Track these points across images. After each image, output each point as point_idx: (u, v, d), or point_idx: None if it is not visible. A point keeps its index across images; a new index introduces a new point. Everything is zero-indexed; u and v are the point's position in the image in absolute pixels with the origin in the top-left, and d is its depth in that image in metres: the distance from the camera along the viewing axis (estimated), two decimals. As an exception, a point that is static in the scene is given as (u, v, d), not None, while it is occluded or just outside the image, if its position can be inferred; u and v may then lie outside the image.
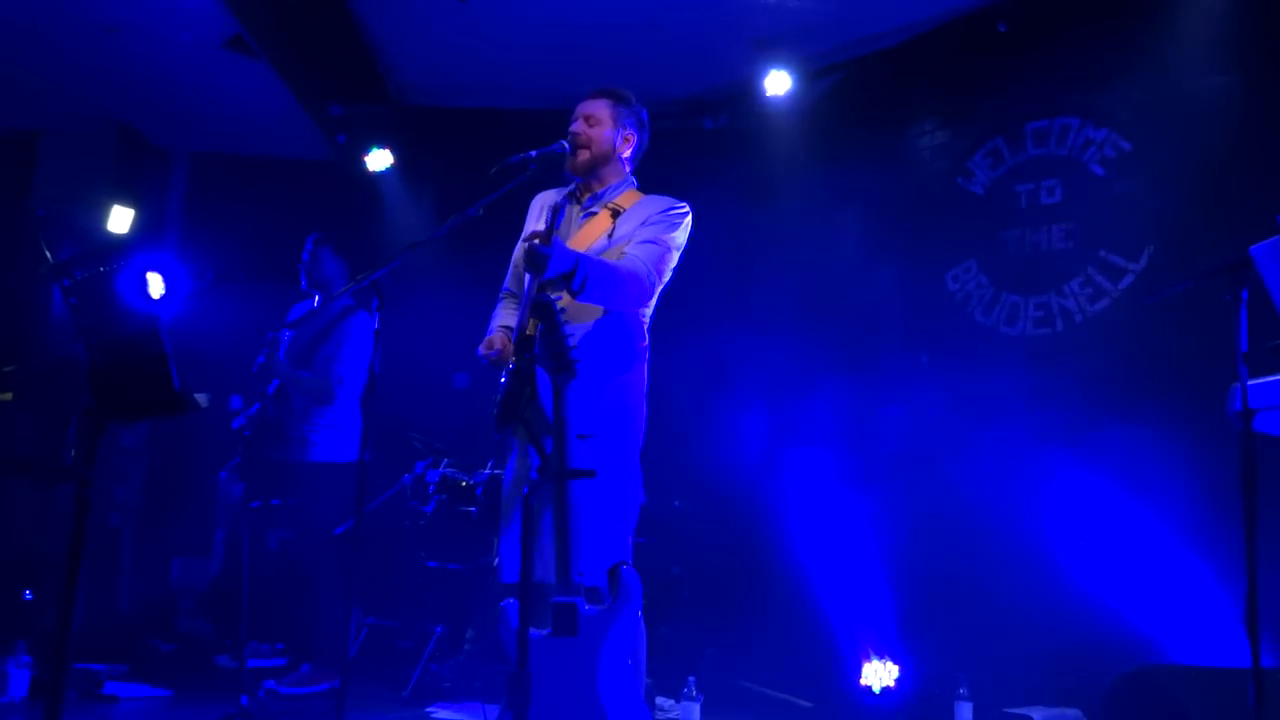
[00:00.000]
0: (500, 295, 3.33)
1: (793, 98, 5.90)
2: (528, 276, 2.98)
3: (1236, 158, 4.45)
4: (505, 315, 3.24)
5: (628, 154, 3.19)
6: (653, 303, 3.14)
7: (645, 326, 3.13)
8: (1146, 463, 4.47)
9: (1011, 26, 5.24)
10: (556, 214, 3.03)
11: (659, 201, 3.11)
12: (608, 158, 3.14)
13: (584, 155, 3.11)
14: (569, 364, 2.63)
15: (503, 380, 2.92)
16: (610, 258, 2.97)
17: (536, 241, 2.75)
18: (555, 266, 2.74)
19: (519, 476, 3.02)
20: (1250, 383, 2.64)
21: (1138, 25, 4.87)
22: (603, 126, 3.13)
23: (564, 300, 2.86)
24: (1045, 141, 5.21)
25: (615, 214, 3.07)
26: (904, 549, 5.22)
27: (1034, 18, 5.18)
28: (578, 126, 3.13)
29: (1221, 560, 4.08)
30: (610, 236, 3.03)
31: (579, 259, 2.80)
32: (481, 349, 3.08)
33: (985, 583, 4.85)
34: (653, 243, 3.00)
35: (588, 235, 3.05)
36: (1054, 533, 4.69)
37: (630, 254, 2.95)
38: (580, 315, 2.94)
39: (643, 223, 3.04)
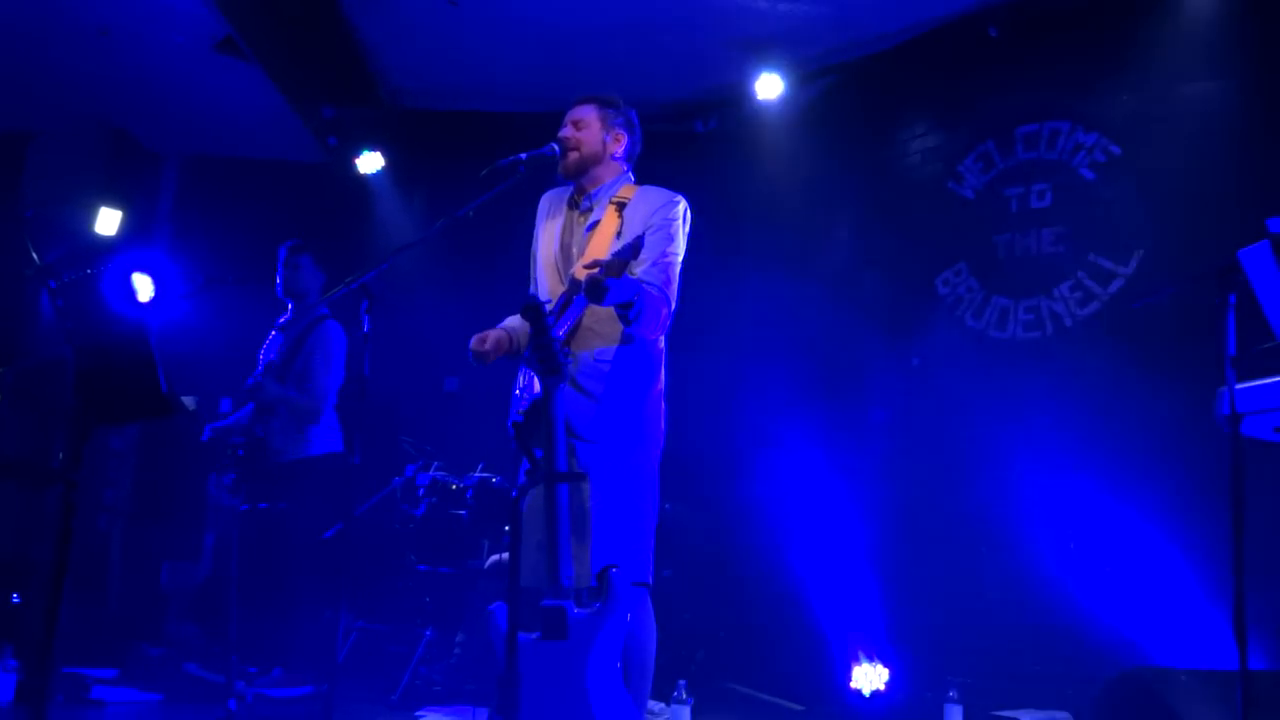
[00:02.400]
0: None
1: (784, 101, 5.92)
2: (545, 282, 3.02)
3: (1225, 162, 4.47)
4: (512, 319, 3.20)
5: (619, 153, 3.19)
6: None
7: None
8: (1135, 466, 4.49)
9: (1002, 31, 5.25)
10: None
11: (656, 197, 3.09)
12: (598, 158, 3.14)
13: (574, 156, 3.11)
14: (558, 367, 2.62)
15: (517, 394, 2.90)
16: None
17: (600, 272, 2.64)
18: (614, 297, 2.72)
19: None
20: (1238, 387, 2.65)
21: (1128, 30, 4.89)
22: (591, 129, 3.14)
23: (591, 319, 2.88)
24: (1035, 145, 5.23)
25: (620, 207, 3.07)
26: (894, 552, 5.22)
27: (1025, 22, 5.19)
28: (566, 132, 3.14)
29: (1210, 563, 4.10)
30: (620, 235, 3.02)
31: (640, 291, 2.80)
32: (472, 341, 3.06)
33: (975, 586, 4.86)
34: (658, 263, 2.99)
35: (600, 242, 3.02)
36: (1043, 536, 4.70)
37: (647, 281, 2.94)
38: (612, 336, 2.94)
39: (644, 230, 3.01)
